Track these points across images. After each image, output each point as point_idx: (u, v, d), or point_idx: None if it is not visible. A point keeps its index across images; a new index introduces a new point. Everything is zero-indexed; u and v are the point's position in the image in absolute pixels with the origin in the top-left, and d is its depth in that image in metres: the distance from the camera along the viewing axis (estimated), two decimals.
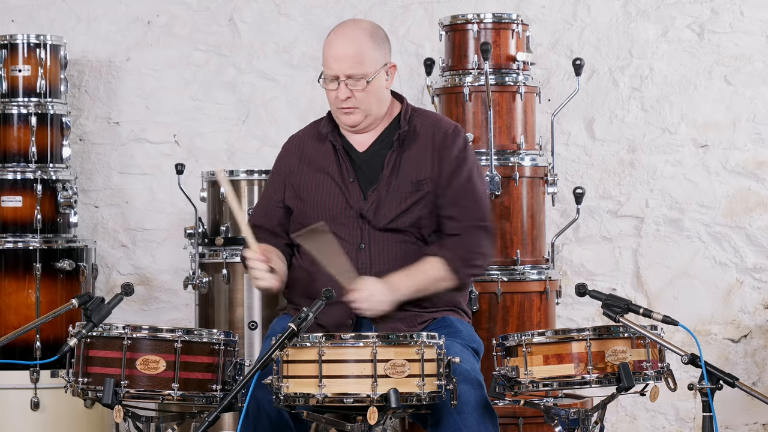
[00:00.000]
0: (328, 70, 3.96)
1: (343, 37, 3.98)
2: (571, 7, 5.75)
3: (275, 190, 4.13)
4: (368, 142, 4.06)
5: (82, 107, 5.89)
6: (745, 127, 5.66)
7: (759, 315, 5.66)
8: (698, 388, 3.38)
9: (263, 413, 3.68)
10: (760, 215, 5.65)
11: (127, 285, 3.57)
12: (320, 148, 4.08)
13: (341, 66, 3.94)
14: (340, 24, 4.07)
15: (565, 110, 5.52)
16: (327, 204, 4.01)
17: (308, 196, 4.04)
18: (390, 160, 4.00)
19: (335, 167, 4.03)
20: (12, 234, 5.27)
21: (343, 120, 4.02)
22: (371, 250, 3.93)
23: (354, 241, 3.96)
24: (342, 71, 3.94)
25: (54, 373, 5.18)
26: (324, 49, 3.99)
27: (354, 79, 3.94)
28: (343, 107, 3.98)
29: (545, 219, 5.14)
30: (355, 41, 3.96)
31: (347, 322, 3.92)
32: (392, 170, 4.00)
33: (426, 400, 3.43)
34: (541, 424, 4.66)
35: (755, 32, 5.67)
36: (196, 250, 5.11)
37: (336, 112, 4.03)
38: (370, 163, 4.03)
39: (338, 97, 3.96)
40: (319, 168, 4.06)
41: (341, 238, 3.95)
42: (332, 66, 3.95)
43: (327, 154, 4.06)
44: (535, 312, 4.93)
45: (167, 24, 5.89)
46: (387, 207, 3.97)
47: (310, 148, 4.11)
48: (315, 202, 4.02)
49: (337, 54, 3.95)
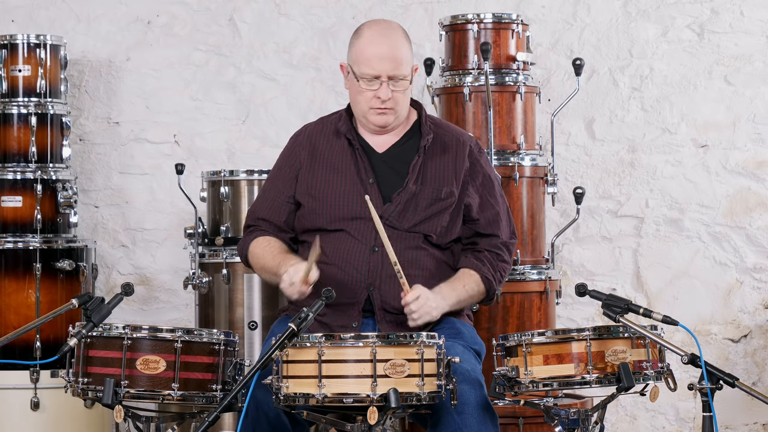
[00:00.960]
0: (368, 69, 3.90)
1: (385, 37, 3.93)
2: (571, 7, 5.75)
3: (285, 185, 4.06)
4: (388, 144, 4.03)
5: (82, 107, 5.89)
6: (745, 127, 5.66)
7: (759, 315, 5.66)
8: (698, 388, 3.38)
9: (262, 413, 3.68)
10: (760, 215, 5.65)
11: (127, 285, 3.57)
12: (335, 144, 4.03)
13: (384, 66, 3.89)
14: (373, 23, 4.01)
15: (565, 110, 5.52)
16: (342, 203, 3.96)
17: (321, 194, 3.98)
18: (416, 166, 3.98)
19: (353, 167, 3.99)
20: (12, 234, 5.27)
21: (376, 120, 3.97)
22: (383, 253, 3.88)
23: (368, 242, 3.93)
24: (385, 71, 3.90)
25: (54, 373, 5.18)
26: (361, 47, 3.93)
27: (395, 80, 3.91)
28: (381, 108, 3.94)
29: (545, 219, 5.14)
30: (397, 41, 3.93)
31: (351, 324, 3.92)
32: (417, 176, 3.98)
33: (426, 400, 3.43)
34: (541, 424, 4.66)
35: (755, 32, 5.67)
36: (196, 250, 5.11)
37: (367, 112, 3.96)
38: (391, 165, 4.00)
39: (379, 97, 3.91)
40: (333, 166, 4.00)
41: (354, 238, 3.93)
42: (374, 65, 3.89)
43: (343, 152, 4.01)
44: (535, 312, 4.93)
45: (167, 24, 5.89)
46: (410, 212, 3.95)
47: (323, 143, 4.04)
48: (329, 201, 3.97)
49: (381, 53, 3.90)
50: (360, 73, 3.92)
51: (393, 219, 3.93)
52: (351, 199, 3.95)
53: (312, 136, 4.07)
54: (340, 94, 5.78)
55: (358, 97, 3.96)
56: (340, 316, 3.91)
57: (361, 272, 3.91)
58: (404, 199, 3.95)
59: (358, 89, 3.94)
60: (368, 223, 3.91)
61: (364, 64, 3.92)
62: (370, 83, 3.91)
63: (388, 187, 3.97)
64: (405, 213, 3.94)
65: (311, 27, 5.84)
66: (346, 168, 3.99)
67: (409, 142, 4.04)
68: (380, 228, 3.76)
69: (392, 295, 3.89)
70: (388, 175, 3.99)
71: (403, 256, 3.88)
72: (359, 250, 3.91)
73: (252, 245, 4.06)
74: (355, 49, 3.95)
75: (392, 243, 3.84)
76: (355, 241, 3.93)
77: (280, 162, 4.13)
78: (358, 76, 3.93)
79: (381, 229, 3.76)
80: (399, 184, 3.97)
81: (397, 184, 3.97)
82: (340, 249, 3.94)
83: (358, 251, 3.91)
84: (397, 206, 3.94)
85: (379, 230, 3.76)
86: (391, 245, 3.79)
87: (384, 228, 3.82)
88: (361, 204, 3.90)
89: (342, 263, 3.93)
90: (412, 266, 3.91)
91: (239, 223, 5.06)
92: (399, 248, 3.89)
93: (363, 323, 3.92)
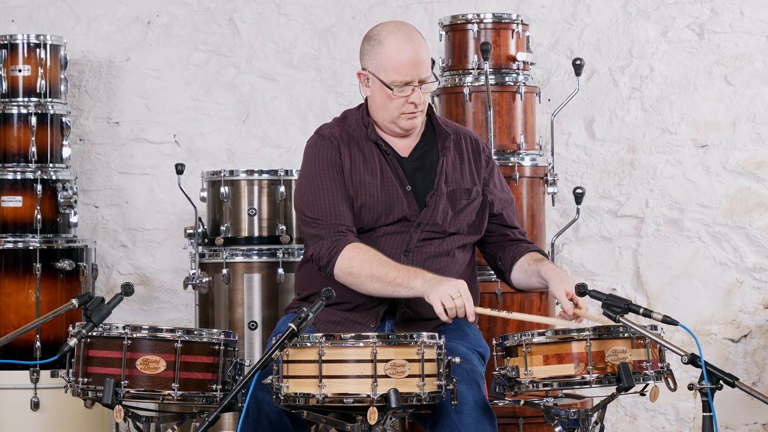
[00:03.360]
0: (400, 76, 3.86)
1: (410, 42, 3.88)
2: (571, 7, 5.75)
3: (341, 185, 3.92)
4: (410, 148, 4.02)
5: (82, 107, 5.89)
6: (745, 127, 5.66)
7: (759, 315, 5.66)
8: (698, 388, 3.38)
9: (263, 414, 3.68)
10: (760, 215, 5.65)
11: (127, 285, 3.56)
12: (366, 148, 3.98)
13: (418, 71, 3.87)
14: (392, 28, 3.94)
15: (565, 110, 5.52)
16: (380, 208, 3.92)
17: (364, 196, 3.92)
18: (442, 167, 3.98)
19: (389, 172, 3.96)
20: (12, 234, 5.27)
21: (407, 125, 3.94)
22: (414, 258, 3.89)
23: (400, 248, 3.92)
24: (418, 76, 3.87)
25: (54, 373, 5.18)
26: (388, 54, 3.87)
27: (425, 82, 3.90)
28: (413, 112, 3.92)
29: (545, 219, 5.15)
30: (420, 44, 3.90)
31: (369, 324, 3.91)
32: (444, 178, 3.98)
33: (426, 400, 3.43)
34: (541, 424, 4.66)
35: (755, 32, 5.67)
36: (196, 250, 5.11)
37: (398, 118, 3.93)
38: (419, 168, 4.00)
39: (413, 102, 3.89)
40: (372, 170, 3.96)
41: (389, 242, 3.91)
42: (408, 72, 3.85)
43: (373, 157, 3.97)
44: (535, 312, 4.93)
45: (167, 24, 5.89)
46: (447, 215, 3.95)
47: (354, 147, 3.98)
48: (369, 205, 3.93)
49: (411, 60, 3.85)
50: (391, 81, 3.88)
51: (429, 224, 3.94)
52: (393, 204, 3.93)
53: (343, 138, 3.99)
54: (340, 94, 5.79)
55: (389, 104, 3.91)
56: (362, 316, 3.91)
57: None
58: (438, 202, 3.95)
59: (389, 96, 3.90)
60: (402, 227, 3.92)
61: (394, 71, 3.87)
62: (402, 90, 3.89)
63: (421, 191, 3.97)
64: (444, 216, 3.95)
65: (311, 27, 5.84)
66: (383, 173, 3.95)
67: (428, 145, 4.04)
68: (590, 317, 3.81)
69: (416, 301, 3.88)
70: (419, 180, 3.98)
71: (435, 262, 3.91)
72: (392, 254, 3.89)
73: (350, 251, 3.82)
74: (379, 56, 3.89)
75: (416, 248, 3.90)
76: (389, 245, 3.92)
77: (320, 159, 3.95)
78: (388, 84, 3.89)
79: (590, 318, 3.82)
80: (428, 187, 3.97)
81: (428, 187, 3.98)
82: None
83: (391, 255, 3.88)
84: (434, 210, 3.94)
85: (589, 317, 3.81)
86: (416, 250, 3.89)
87: (419, 233, 3.91)
88: (397, 209, 3.91)
89: None
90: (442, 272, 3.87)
91: (239, 223, 5.06)
92: (432, 254, 3.92)
93: (381, 325, 3.92)
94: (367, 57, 3.94)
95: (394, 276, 3.74)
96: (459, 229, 3.98)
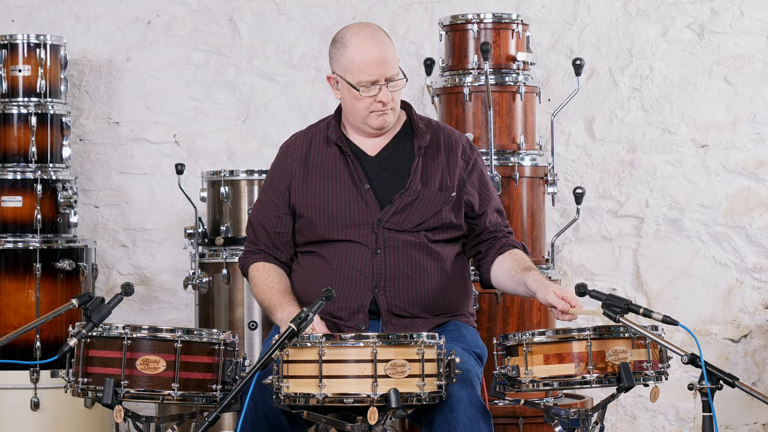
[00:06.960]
0: (365, 76, 3.90)
1: (375, 41, 3.92)
2: (571, 7, 5.75)
3: (279, 197, 4.06)
4: (379, 147, 4.04)
5: (82, 107, 5.89)
6: (745, 127, 5.66)
7: (759, 315, 5.66)
8: (698, 388, 3.38)
9: (260, 413, 3.68)
10: (760, 215, 5.65)
11: (127, 285, 3.56)
12: (326, 153, 4.04)
13: (383, 69, 3.90)
14: (354, 29, 3.99)
15: (565, 110, 5.52)
16: (340, 212, 3.97)
17: (319, 204, 3.99)
18: (417, 167, 4.00)
19: (347, 173, 3.99)
20: (12, 234, 5.27)
21: (376, 123, 3.97)
22: (386, 255, 3.92)
23: (370, 246, 3.95)
24: (384, 74, 3.90)
25: (54, 373, 5.18)
26: (351, 56, 3.91)
27: (392, 80, 3.93)
28: (382, 110, 3.95)
29: (545, 219, 5.15)
30: (385, 43, 3.94)
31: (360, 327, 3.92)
32: (420, 177, 3.99)
33: (426, 400, 3.43)
34: (541, 424, 4.66)
35: (755, 32, 5.67)
36: (196, 250, 5.11)
37: (368, 117, 3.96)
38: (385, 167, 4.01)
39: (381, 101, 3.92)
40: (327, 175, 4.01)
41: (356, 243, 3.94)
42: (373, 72, 3.89)
43: (335, 160, 4.02)
44: (535, 312, 4.93)
45: (167, 24, 5.89)
46: (413, 212, 3.96)
47: (314, 153, 4.06)
48: (327, 211, 3.98)
49: (375, 58, 3.89)
50: (357, 82, 3.92)
51: (394, 221, 3.94)
52: (348, 207, 3.97)
53: (302, 146, 4.08)
54: None
55: (357, 104, 3.95)
56: (349, 320, 3.92)
57: (366, 276, 3.93)
58: (407, 200, 3.96)
59: (356, 97, 3.94)
60: (370, 227, 3.94)
61: (359, 71, 3.91)
62: (369, 89, 3.92)
63: (385, 190, 3.98)
64: (407, 214, 3.95)
65: (311, 27, 5.84)
66: (340, 175, 4.00)
67: (401, 143, 4.05)
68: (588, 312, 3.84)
69: (397, 296, 3.91)
70: (383, 178, 4.00)
71: (409, 257, 3.93)
72: (362, 254, 3.92)
73: (252, 271, 4.07)
74: (344, 58, 3.94)
75: (387, 246, 3.93)
76: (357, 246, 3.94)
77: (272, 173, 4.13)
78: (355, 85, 3.92)
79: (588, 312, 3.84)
80: (395, 185, 3.98)
81: (394, 186, 3.98)
82: (343, 256, 3.95)
83: (362, 256, 3.92)
84: (398, 208, 3.95)
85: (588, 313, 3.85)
86: (388, 248, 3.91)
87: (385, 231, 3.91)
88: (359, 210, 3.94)
89: (346, 269, 3.94)
90: (420, 267, 3.93)
91: (239, 223, 5.06)
92: (405, 250, 3.93)
93: (370, 326, 3.93)
94: (334, 60, 3.99)
95: (269, 303, 3.95)
96: (430, 227, 3.98)
